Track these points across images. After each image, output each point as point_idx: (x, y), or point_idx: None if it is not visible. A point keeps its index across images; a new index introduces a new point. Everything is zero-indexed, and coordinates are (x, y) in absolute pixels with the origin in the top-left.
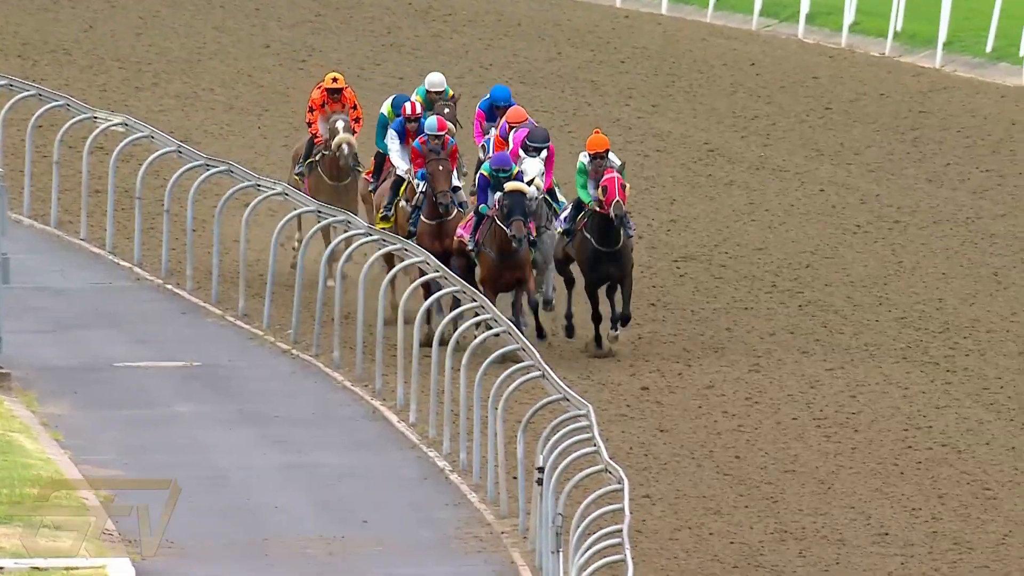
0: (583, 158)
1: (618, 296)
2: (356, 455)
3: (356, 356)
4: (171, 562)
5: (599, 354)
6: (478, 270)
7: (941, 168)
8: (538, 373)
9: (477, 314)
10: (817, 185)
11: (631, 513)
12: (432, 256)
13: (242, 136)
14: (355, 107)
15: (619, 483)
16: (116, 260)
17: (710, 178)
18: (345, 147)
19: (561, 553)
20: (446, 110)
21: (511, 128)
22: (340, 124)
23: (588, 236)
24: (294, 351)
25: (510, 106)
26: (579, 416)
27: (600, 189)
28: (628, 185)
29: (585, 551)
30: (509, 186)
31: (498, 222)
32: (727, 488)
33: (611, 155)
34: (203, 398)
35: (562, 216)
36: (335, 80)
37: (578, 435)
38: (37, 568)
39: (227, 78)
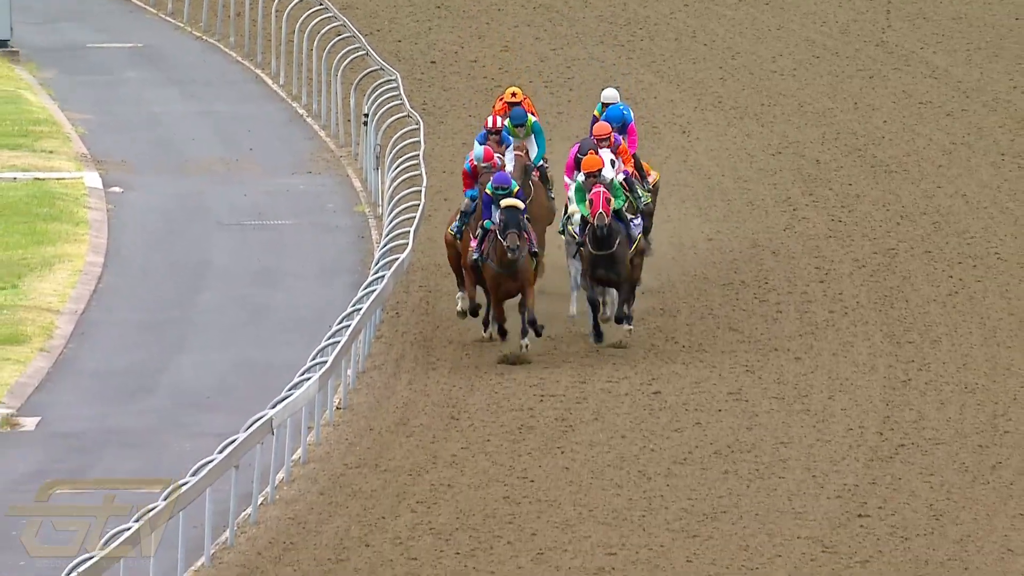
0: (579, 178)
1: (616, 297)
2: (244, 106)
3: (245, 39)
4: (124, 175)
5: (610, 343)
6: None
7: None
8: (363, 52)
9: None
10: None
11: (425, 143)
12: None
13: None
14: (534, 114)
15: (417, 124)
16: None
17: None
18: None
19: (379, 170)
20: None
21: (599, 143)
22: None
23: (587, 243)
24: (204, 37)
25: (628, 124)
26: (391, 80)
27: (588, 202)
28: (612, 199)
29: (395, 168)
30: (505, 202)
31: (499, 237)
32: None
33: (604, 172)
34: (144, 68)
35: (576, 230)
36: (513, 95)
37: (390, 92)
38: (38, 178)
39: None
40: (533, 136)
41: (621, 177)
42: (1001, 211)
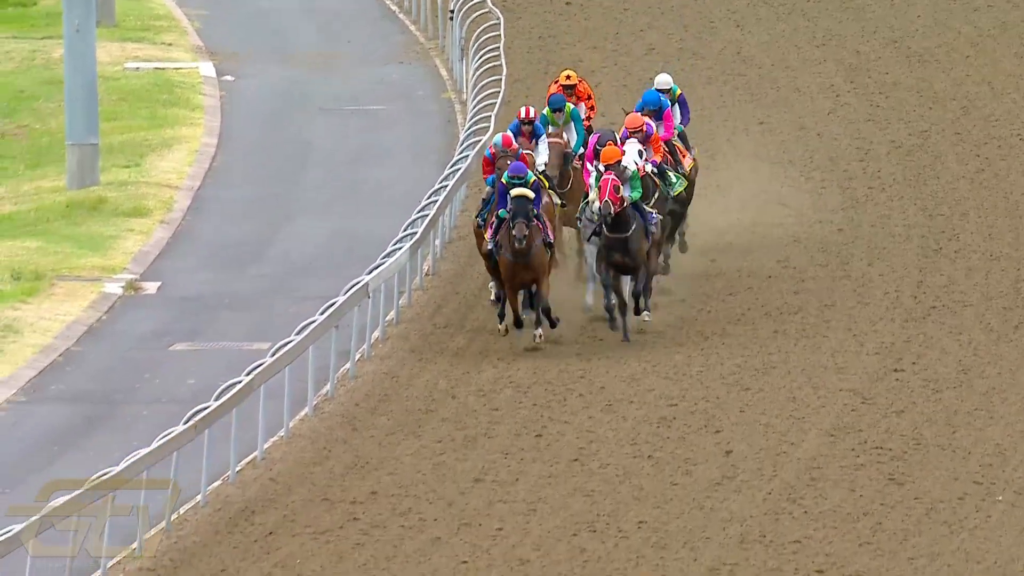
0: (600, 166)
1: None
2: (343, 3)
3: None
4: (235, 65)
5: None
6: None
7: None
8: None
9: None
10: None
11: (504, 37)
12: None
13: None
14: (589, 98)
15: (497, 19)
16: None
17: None
18: None
19: (463, 60)
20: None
21: (631, 134)
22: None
23: (602, 227)
24: None
25: (664, 110)
26: None
27: (596, 188)
28: (622, 187)
29: (478, 59)
30: (514, 192)
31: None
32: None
33: (624, 161)
34: None
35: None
36: (568, 77)
37: None
38: (159, 68)
39: None
40: (572, 124)
41: (650, 168)
42: (1023, 97)
